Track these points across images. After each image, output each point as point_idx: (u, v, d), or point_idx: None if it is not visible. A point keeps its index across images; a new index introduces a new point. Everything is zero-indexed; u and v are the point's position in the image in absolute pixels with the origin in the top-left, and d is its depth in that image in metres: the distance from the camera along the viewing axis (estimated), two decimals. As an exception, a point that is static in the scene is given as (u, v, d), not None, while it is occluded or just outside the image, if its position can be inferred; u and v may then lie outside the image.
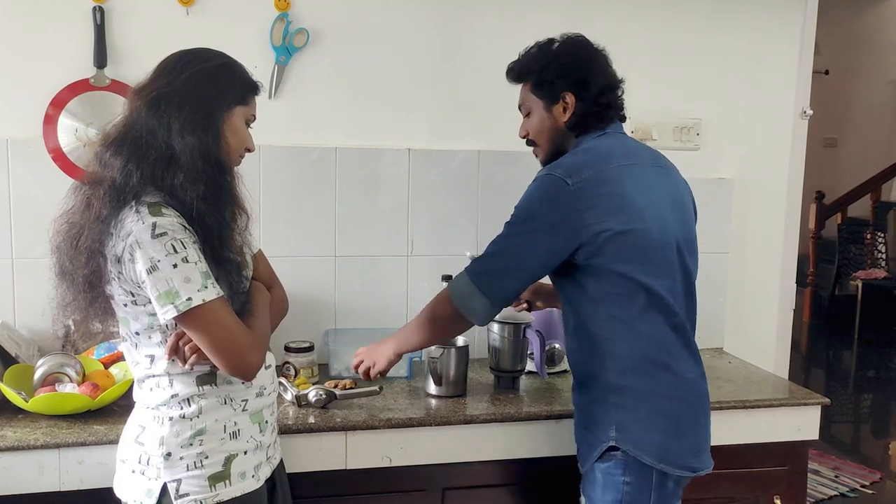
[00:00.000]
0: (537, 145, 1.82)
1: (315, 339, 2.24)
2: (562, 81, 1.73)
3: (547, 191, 1.65)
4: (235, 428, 1.52)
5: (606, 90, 1.75)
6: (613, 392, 1.68)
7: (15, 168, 2.15)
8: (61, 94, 2.16)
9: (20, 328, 2.17)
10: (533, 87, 1.78)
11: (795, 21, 2.65)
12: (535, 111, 1.79)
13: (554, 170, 1.67)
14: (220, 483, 1.49)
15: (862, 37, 7.58)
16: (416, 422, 1.92)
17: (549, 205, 1.64)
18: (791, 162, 2.70)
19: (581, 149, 1.73)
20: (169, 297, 1.38)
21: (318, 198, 2.35)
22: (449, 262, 2.39)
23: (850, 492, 3.72)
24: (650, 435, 1.67)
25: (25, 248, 2.16)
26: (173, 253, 1.38)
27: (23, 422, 1.81)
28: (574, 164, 1.67)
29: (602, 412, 1.70)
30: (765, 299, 2.71)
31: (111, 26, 2.19)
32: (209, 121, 1.46)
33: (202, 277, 1.40)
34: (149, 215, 1.39)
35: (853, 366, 6.31)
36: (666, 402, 1.69)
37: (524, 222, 1.67)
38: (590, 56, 1.77)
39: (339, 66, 2.34)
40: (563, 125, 1.75)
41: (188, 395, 1.48)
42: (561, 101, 1.74)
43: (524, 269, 1.68)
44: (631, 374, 1.67)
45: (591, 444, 1.72)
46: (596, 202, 1.63)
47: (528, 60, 1.79)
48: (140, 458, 1.50)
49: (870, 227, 6.98)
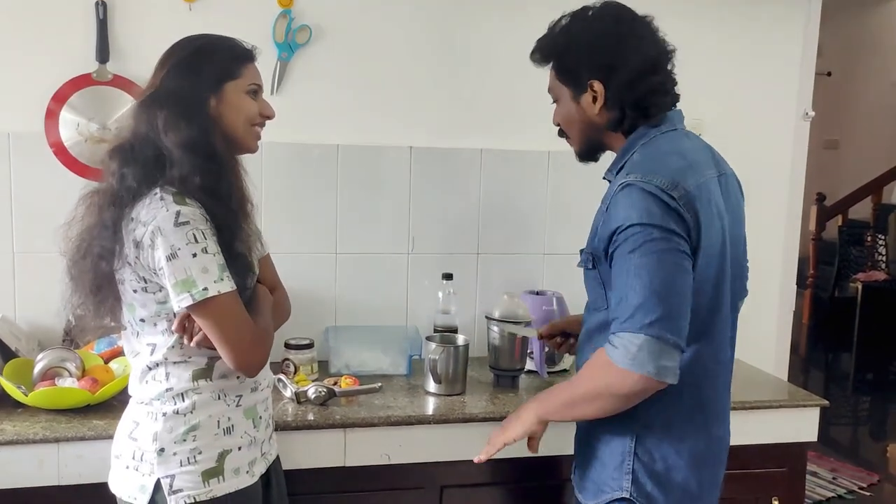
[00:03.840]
0: (569, 137, 1.59)
1: (315, 336, 2.24)
2: (585, 67, 1.48)
3: (658, 200, 1.38)
4: (229, 423, 1.52)
5: (645, 75, 1.46)
6: (641, 428, 1.46)
7: (16, 162, 2.15)
8: (63, 89, 2.16)
9: (20, 322, 2.17)
10: (557, 72, 1.54)
11: (798, 22, 2.65)
12: (562, 99, 1.55)
13: (652, 178, 1.39)
14: (214, 479, 1.49)
15: (865, 39, 7.58)
16: (416, 420, 1.92)
17: (667, 214, 1.37)
18: (792, 163, 2.70)
19: (661, 150, 1.46)
20: (186, 286, 1.39)
21: (319, 195, 2.35)
22: (450, 261, 2.39)
23: (848, 493, 3.72)
24: (664, 492, 1.47)
25: (26, 243, 2.16)
26: (194, 242, 1.39)
27: (22, 416, 1.81)
28: (669, 174, 1.40)
29: (617, 457, 1.49)
30: (765, 301, 2.71)
31: (114, 21, 2.19)
32: (190, 111, 1.45)
33: (219, 269, 1.41)
34: (173, 203, 1.41)
35: (852, 368, 6.30)
36: (687, 458, 1.48)
37: (661, 243, 1.36)
38: (622, 33, 1.47)
39: (342, 63, 2.34)
40: (596, 119, 1.51)
41: (182, 390, 1.48)
42: (589, 90, 1.49)
43: (689, 294, 1.38)
44: (658, 425, 1.45)
45: (599, 487, 1.52)
46: (691, 225, 1.40)
47: (551, 39, 1.53)
48: (134, 454, 1.50)
49: (870, 230, 6.97)
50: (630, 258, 1.37)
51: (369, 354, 2.22)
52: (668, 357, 1.35)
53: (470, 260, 2.44)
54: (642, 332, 1.34)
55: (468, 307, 2.43)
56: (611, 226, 1.41)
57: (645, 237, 1.36)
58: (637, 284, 1.36)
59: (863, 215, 7.12)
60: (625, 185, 1.41)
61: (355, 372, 2.18)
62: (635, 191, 1.39)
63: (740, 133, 2.63)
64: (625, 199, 1.40)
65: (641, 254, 1.36)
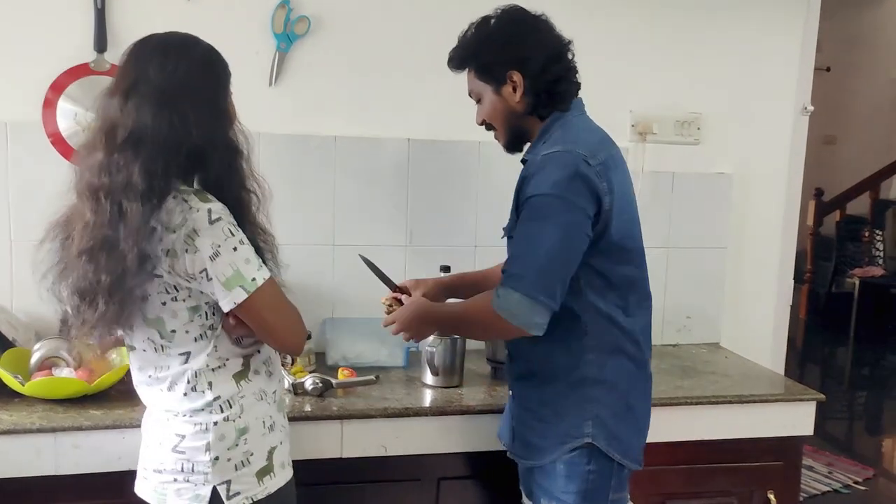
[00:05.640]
0: (495, 129, 1.75)
1: (312, 327, 2.23)
2: (501, 61, 1.65)
3: (574, 169, 1.55)
4: (272, 421, 1.54)
5: (551, 63, 1.65)
6: (590, 385, 1.65)
7: (14, 152, 2.15)
8: (61, 78, 2.15)
9: (17, 312, 2.16)
10: (476, 72, 1.70)
11: (798, 17, 2.65)
12: (485, 96, 1.71)
13: (571, 147, 1.57)
14: (266, 476, 1.51)
15: (864, 34, 7.57)
16: (413, 411, 1.92)
17: (581, 183, 1.55)
18: (791, 158, 2.70)
19: (576, 127, 1.66)
20: (237, 280, 1.39)
21: (317, 186, 2.34)
22: (448, 253, 2.39)
23: (844, 488, 3.74)
24: (621, 430, 1.66)
25: (24, 232, 2.15)
26: (231, 237, 1.40)
27: (19, 406, 1.81)
28: (588, 145, 1.60)
29: (574, 406, 1.65)
30: (762, 295, 2.72)
31: (112, 10, 2.18)
32: (219, 107, 1.46)
33: (256, 259, 1.43)
34: (200, 202, 1.39)
35: (848, 363, 6.32)
36: (636, 397, 1.70)
37: (561, 209, 1.55)
38: (525, 28, 1.67)
39: (340, 54, 2.33)
40: (516, 107, 1.67)
41: (230, 397, 1.48)
42: (509, 82, 1.66)
43: (574, 262, 1.57)
44: (609, 368, 1.65)
45: (557, 439, 1.66)
46: (611, 188, 1.58)
47: (465, 45, 1.70)
48: (182, 467, 1.48)
49: (868, 225, 6.98)
50: (529, 225, 1.58)
51: (366, 346, 2.22)
52: (539, 314, 1.55)
53: (468, 252, 2.44)
54: (518, 290, 1.55)
55: (466, 300, 2.43)
56: (522, 197, 1.62)
57: (544, 206, 1.56)
58: (527, 247, 1.57)
59: (860, 211, 7.13)
60: (548, 155, 1.58)
61: (352, 364, 2.18)
62: (555, 159, 1.57)
63: (739, 128, 2.64)
64: (540, 171, 1.58)
65: (537, 221, 1.56)
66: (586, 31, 2.48)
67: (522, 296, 1.54)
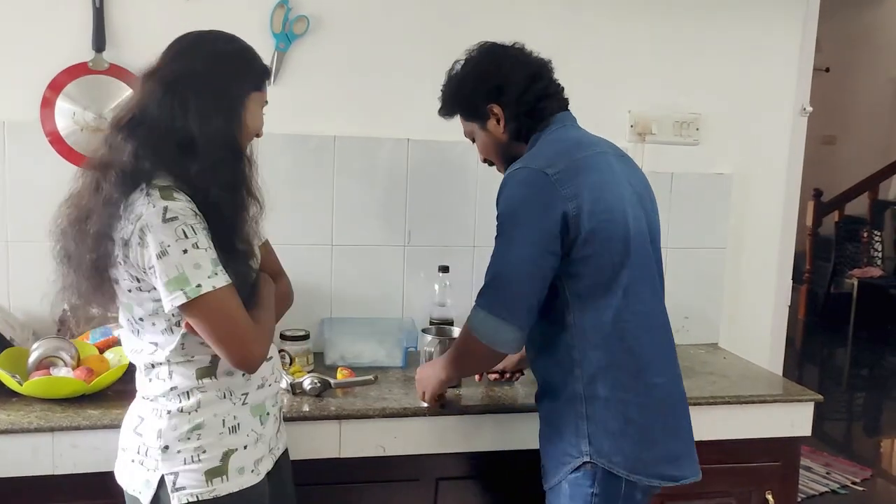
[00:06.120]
0: (493, 163, 1.80)
1: (311, 327, 2.24)
2: (480, 97, 1.70)
3: (529, 186, 1.58)
4: (235, 422, 1.50)
5: (529, 85, 1.68)
6: (582, 402, 1.61)
7: (11, 151, 2.15)
8: (59, 78, 2.15)
9: (15, 311, 2.16)
10: (462, 115, 1.77)
11: (797, 17, 2.65)
12: (477, 135, 1.77)
13: (528, 163, 1.60)
14: (217, 478, 1.47)
15: (863, 34, 7.57)
16: (411, 411, 1.92)
17: (536, 198, 1.56)
18: (790, 158, 2.70)
19: (545, 141, 1.67)
20: (178, 283, 1.36)
21: (315, 186, 2.34)
22: (446, 253, 2.39)
23: (842, 488, 3.74)
24: (624, 446, 1.61)
25: (21, 232, 2.15)
26: (183, 238, 1.36)
27: (17, 405, 1.81)
28: (547, 156, 1.61)
29: (570, 424, 1.63)
30: (761, 295, 2.72)
31: (110, 10, 2.17)
32: (231, 106, 1.45)
33: (212, 264, 1.38)
34: (160, 199, 1.37)
35: (847, 363, 6.32)
36: (635, 410, 1.62)
37: (518, 227, 1.58)
38: (496, 60, 1.70)
39: (339, 54, 2.33)
40: (502, 137, 1.71)
41: (187, 389, 1.46)
42: (491, 115, 1.70)
43: (538, 278, 1.58)
44: (600, 382, 1.60)
45: (558, 460, 1.66)
46: (577, 192, 1.56)
47: (446, 94, 1.77)
48: (139, 449, 1.49)
49: (867, 226, 6.99)
50: (496, 243, 1.62)
51: (365, 346, 2.22)
52: (504, 331, 1.58)
53: (466, 253, 2.44)
54: (484, 308, 1.60)
55: (464, 300, 2.42)
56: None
57: (503, 224, 1.60)
58: (491, 266, 1.61)
59: (859, 211, 7.13)
60: (508, 174, 1.63)
61: (351, 363, 2.18)
62: (511, 178, 1.61)
63: (738, 128, 2.64)
64: (501, 191, 1.62)
65: (500, 241, 1.61)
66: (585, 32, 2.50)
67: (487, 314, 1.59)
